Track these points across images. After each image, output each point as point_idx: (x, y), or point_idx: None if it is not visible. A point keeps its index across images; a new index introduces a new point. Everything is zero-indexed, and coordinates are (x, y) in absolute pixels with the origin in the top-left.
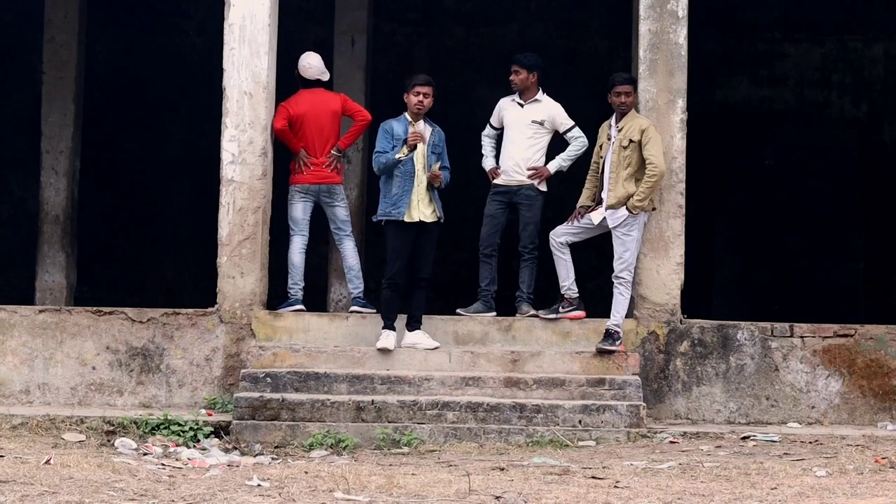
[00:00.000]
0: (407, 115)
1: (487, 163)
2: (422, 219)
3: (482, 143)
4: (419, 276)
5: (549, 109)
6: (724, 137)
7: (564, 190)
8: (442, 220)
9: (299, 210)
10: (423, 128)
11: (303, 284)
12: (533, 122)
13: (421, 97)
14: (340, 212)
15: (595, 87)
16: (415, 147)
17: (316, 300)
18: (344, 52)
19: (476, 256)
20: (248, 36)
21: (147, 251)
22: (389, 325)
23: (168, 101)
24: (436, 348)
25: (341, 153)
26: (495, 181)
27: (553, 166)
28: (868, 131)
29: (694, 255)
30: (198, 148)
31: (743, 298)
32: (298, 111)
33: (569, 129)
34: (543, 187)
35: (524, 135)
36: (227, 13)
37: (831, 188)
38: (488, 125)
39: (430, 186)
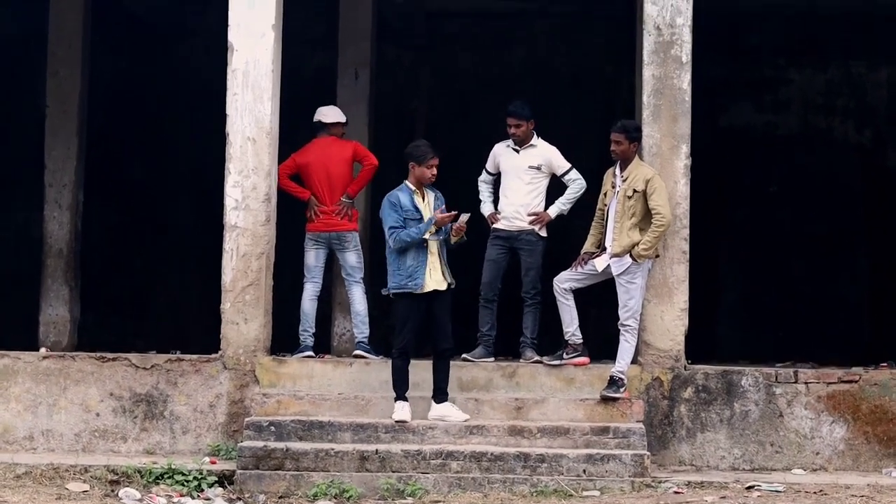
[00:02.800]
0: (409, 184)
1: (486, 208)
2: (436, 288)
3: (479, 188)
4: (442, 348)
5: (545, 153)
6: (728, 162)
7: (569, 223)
8: (453, 286)
9: (312, 257)
10: (433, 199)
11: (313, 331)
12: (530, 167)
13: (434, 170)
14: (351, 258)
15: (599, 111)
16: (440, 228)
17: (319, 331)
18: (347, 85)
19: (476, 282)
20: (252, 81)
21: (152, 270)
22: (402, 397)
23: (172, 119)
24: (466, 420)
25: (351, 200)
26: (495, 226)
27: (553, 211)
28: (872, 156)
29: (699, 279)
30: (202, 166)
31: (748, 320)
32: (305, 160)
33: (566, 172)
34: (544, 232)
35: (523, 180)
36: (230, 59)
37: (835, 212)
38: (484, 171)
39: (445, 248)
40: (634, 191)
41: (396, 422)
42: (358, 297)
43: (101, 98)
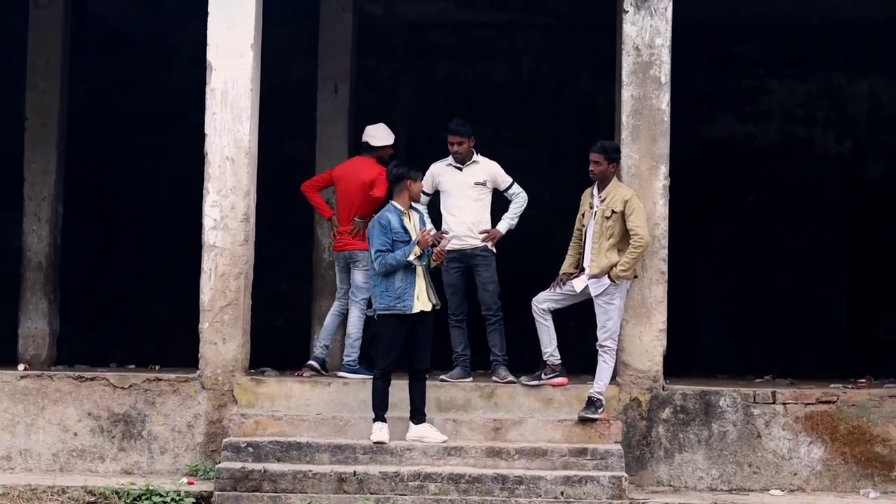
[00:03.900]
0: (398, 204)
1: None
2: (422, 309)
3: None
4: (419, 368)
5: (489, 169)
6: (708, 172)
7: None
8: (438, 307)
9: (337, 278)
10: (418, 220)
11: (325, 343)
12: (476, 183)
13: (421, 185)
14: (358, 277)
15: (580, 124)
16: (423, 251)
17: (301, 345)
18: (327, 99)
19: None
20: (230, 101)
21: (133, 283)
22: (381, 418)
23: (153, 133)
24: (444, 441)
25: (363, 221)
26: (447, 247)
27: (503, 227)
28: (851, 167)
29: (679, 291)
30: (184, 180)
31: (728, 333)
32: (337, 175)
33: (509, 187)
34: (494, 249)
35: (470, 198)
36: (209, 78)
37: (815, 223)
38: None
39: (429, 268)
40: (613, 211)
41: (375, 443)
42: (353, 320)
43: (82, 111)
